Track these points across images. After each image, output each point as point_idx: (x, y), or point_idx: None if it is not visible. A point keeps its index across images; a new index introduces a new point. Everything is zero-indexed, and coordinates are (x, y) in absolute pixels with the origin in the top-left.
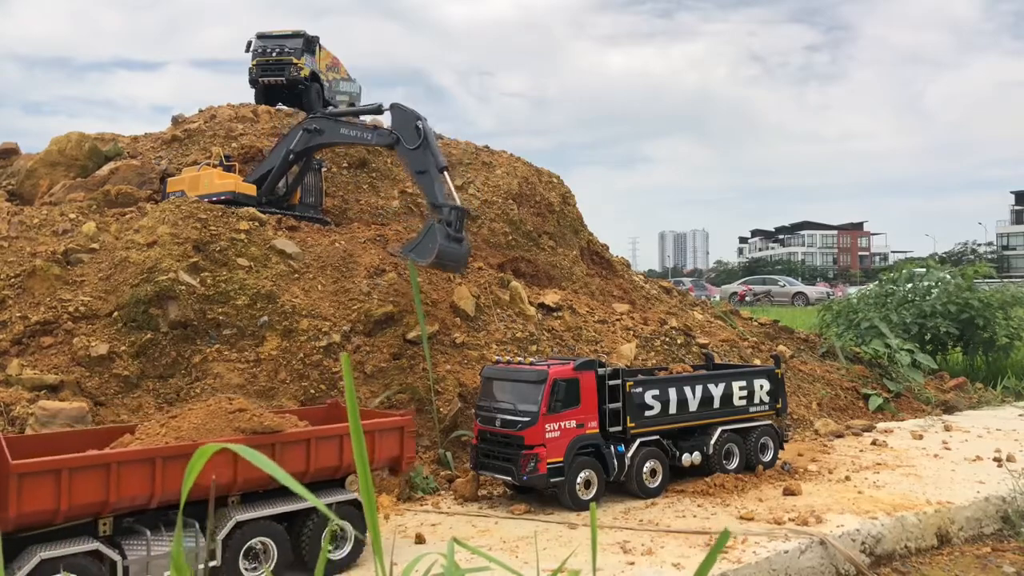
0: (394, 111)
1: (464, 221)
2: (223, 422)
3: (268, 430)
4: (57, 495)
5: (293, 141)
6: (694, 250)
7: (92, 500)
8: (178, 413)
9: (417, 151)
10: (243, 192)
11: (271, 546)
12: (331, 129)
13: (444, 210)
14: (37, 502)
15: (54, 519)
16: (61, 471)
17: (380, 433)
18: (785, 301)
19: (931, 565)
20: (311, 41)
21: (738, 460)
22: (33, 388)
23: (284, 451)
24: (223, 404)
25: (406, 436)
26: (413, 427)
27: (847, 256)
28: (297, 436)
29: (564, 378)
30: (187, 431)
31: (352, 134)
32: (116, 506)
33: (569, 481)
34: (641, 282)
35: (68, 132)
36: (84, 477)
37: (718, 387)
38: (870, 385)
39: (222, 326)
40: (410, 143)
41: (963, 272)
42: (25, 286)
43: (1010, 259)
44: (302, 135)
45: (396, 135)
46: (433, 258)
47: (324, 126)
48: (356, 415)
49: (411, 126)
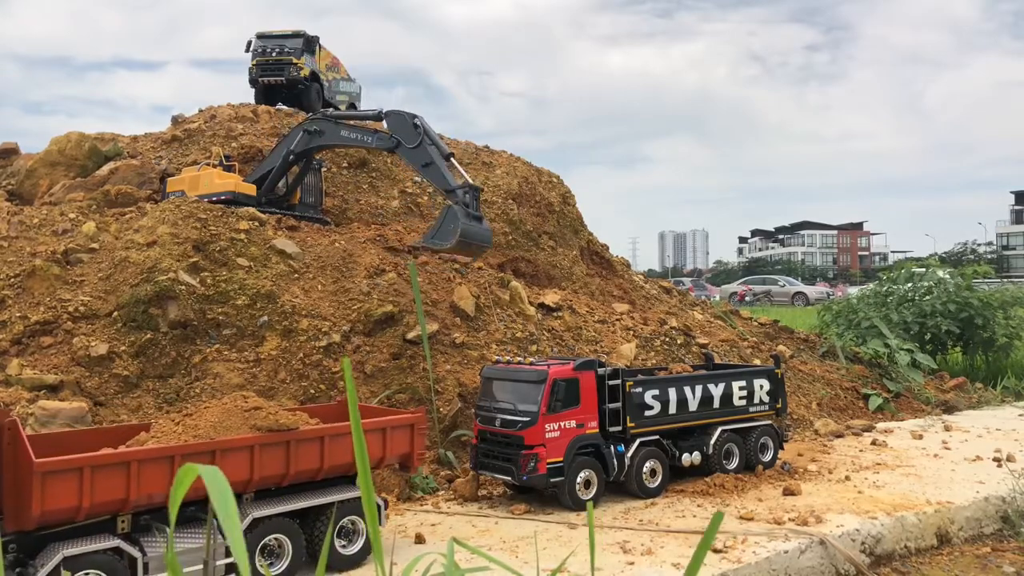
0: (390, 117)
1: (479, 199)
2: (239, 420)
3: (284, 428)
4: (80, 493)
5: (293, 142)
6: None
7: (113, 498)
8: (194, 411)
9: (419, 148)
10: (243, 192)
11: (286, 543)
12: (331, 131)
13: (458, 192)
14: (60, 500)
15: (76, 517)
16: (83, 469)
17: (392, 430)
18: (785, 301)
19: (931, 565)
20: (311, 41)
21: (738, 460)
22: (33, 388)
23: (299, 448)
24: (239, 402)
25: (417, 433)
26: (425, 424)
27: (847, 256)
28: (312, 434)
29: (564, 378)
30: (204, 429)
31: (352, 136)
32: (136, 503)
33: (569, 481)
34: (641, 282)
35: (68, 132)
36: (106, 475)
37: (718, 387)
38: (870, 385)
39: (222, 326)
40: (410, 143)
41: (963, 272)
42: (25, 286)
43: (1010, 259)
44: (302, 136)
45: (396, 139)
46: (456, 239)
47: (324, 127)
48: (357, 417)
49: (408, 126)
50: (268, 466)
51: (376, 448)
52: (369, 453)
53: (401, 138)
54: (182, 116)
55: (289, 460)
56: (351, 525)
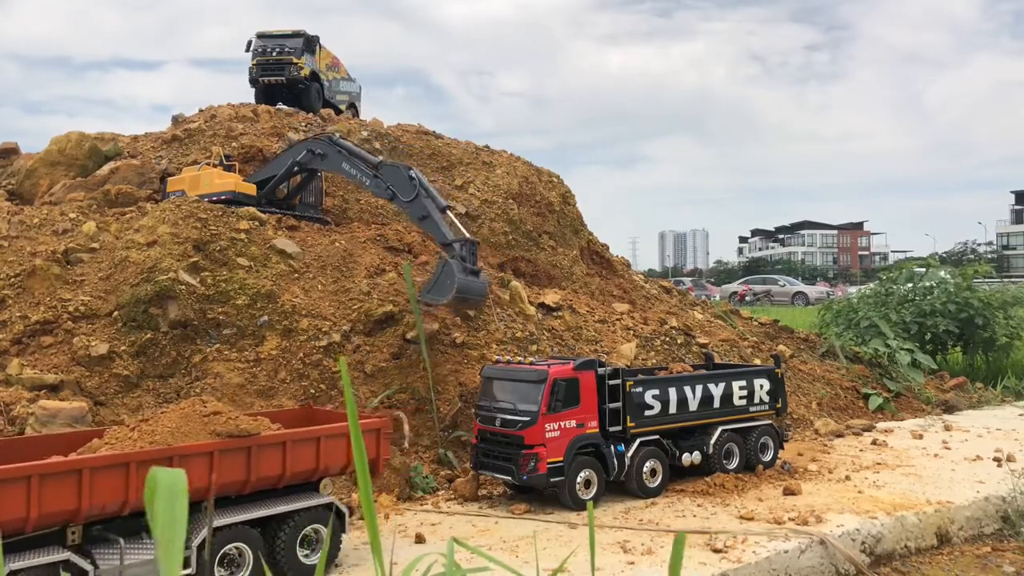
0: (385, 170)
1: (476, 253)
2: (198, 425)
3: (244, 433)
4: (27, 503)
5: (299, 156)
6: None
7: (63, 508)
8: (150, 416)
9: (415, 201)
10: (243, 191)
11: (247, 552)
12: (334, 159)
13: (456, 246)
14: (6, 511)
15: (23, 528)
16: (31, 478)
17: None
18: (785, 301)
19: (931, 565)
20: (311, 41)
21: (738, 460)
22: (33, 388)
23: (260, 454)
24: (197, 407)
25: (382, 438)
26: (390, 429)
27: (847, 256)
28: (273, 439)
29: (564, 378)
30: (161, 435)
31: (352, 173)
32: (88, 514)
33: (569, 481)
34: (641, 282)
35: (68, 132)
36: (55, 484)
37: (718, 387)
38: (870, 385)
39: (222, 326)
40: (406, 196)
41: (962, 272)
42: (25, 286)
43: (1010, 259)
44: (306, 155)
45: (391, 190)
46: (453, 294)
47: (328, 153)
48: (355, 416)
49: (404, 179)
50: (228, 473)
51: (339, 454)
52: (332, 459)
53: (397, 191)
54: (182, 116)
55: (250, 467)
56: (314, 534)
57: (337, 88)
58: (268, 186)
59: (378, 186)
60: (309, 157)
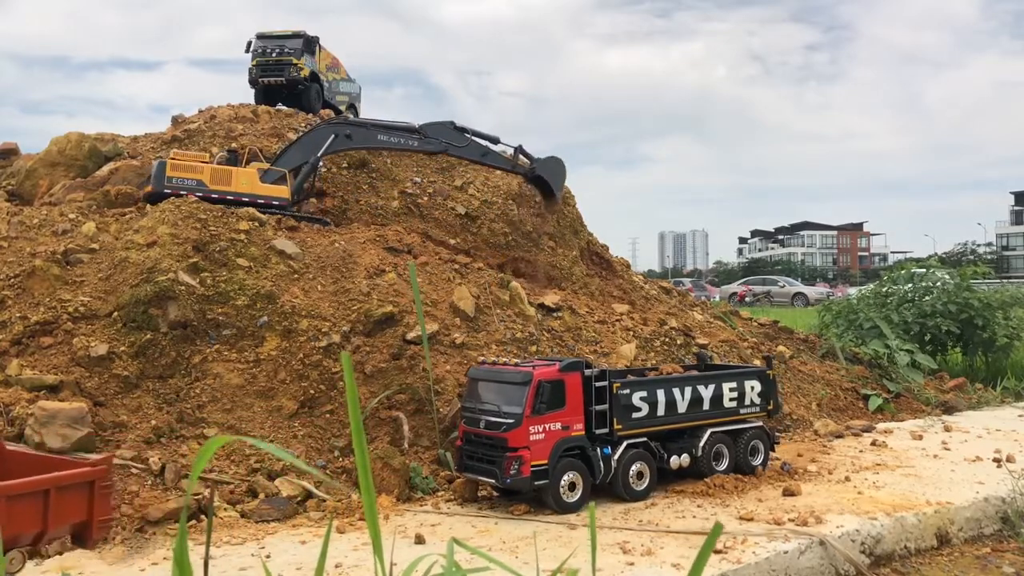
0: (430, 129)
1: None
2: None
3: None
4: None
5: (325, 142)
6: (694, 250)
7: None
8: None
9: (471, 145)
10: (279, 196)
11: None
12: (363, 135)
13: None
14: None
15: None
16: None
17: (58, 491)
18: (785, 301)
19: (931, 565)
20: (311, 41)
21: (728, 462)
22: (33, 388)
23: None
24: None
25: (98, 493)
26: (110, 478)
27: (847, 256)
28: None
29: (549, 379)
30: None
31: (393, 140)
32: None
33: (553, 484)
34: (641, 282)
35: (68, 132)
36: None
37: (708, 388)
38: (870, 385)
39: (222, 326)
40: (460, 143)
41: (960, 273)
42: (25, 286)
43: (1010, 259)
44: (334, 139)
45: (444, 143)
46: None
47: (354, 132)
48: (357, 415)
49: (450, 132)
50: None
51: (32, 518)
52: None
53: (450, 141)
54: (182, 116)
55: None
56: None
57: (337, 89)
58: (297, 183)
59: (428, 143)
60: (337, 142)
